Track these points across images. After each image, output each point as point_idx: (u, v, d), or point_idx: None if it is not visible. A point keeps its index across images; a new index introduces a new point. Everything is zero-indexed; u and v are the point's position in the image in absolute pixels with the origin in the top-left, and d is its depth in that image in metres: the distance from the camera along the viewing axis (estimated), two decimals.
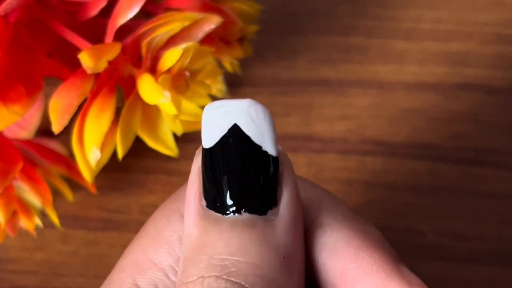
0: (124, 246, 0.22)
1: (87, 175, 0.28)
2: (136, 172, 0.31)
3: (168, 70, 0.27)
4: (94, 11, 0.28)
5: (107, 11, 0.28)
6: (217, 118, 0.19)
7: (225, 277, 0.18)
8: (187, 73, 0.27)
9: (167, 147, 0.30)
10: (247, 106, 0.19)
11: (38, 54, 0.28)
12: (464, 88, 0.35)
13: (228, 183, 0.19)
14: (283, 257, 0.19)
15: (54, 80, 0.29)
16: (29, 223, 0.30)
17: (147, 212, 0.32)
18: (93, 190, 0.32)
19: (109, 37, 0.27)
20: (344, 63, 0.36)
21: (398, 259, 0.20)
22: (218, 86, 0.34)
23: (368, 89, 0.35)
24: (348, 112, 0.35)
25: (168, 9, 0.30)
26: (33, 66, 0.28)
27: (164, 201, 0.22)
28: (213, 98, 0.30)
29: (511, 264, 0.31)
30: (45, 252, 0.32)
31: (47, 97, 0.28)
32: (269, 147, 0.19)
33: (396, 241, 0.31)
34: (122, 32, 0.28)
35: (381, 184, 0.33)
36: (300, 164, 0.33)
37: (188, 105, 0.29)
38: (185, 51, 0.26)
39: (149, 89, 0.27)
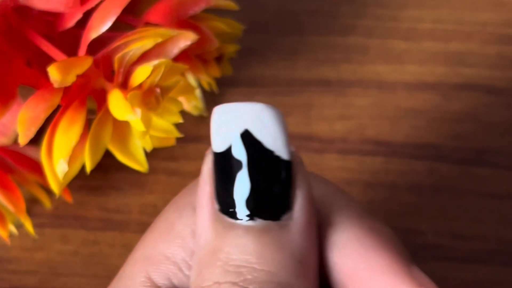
0: (124, 246, 0.22)
1: (55, 187, 0.28)
2: (136, 172, 0.31)
3: (139, 86, 0.26)
4: (71, 22, 0.28)
5: (85, 22, 0.28)
6: (227, 123, 0.19)
7: (242, 284, 0.18)
8: (158, 90, 0.27)
9: (138, 162, 0.30)
10: (259, 111, 0.18)
11: (15, 62, 0.28)
12: (464, 88, 0.35)
13: (240, 191, 0.18)
14: (299, 262, 0.18)
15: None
16: (2, 231, 0.30)
17: (147, 212, 0.32)
18: (68, 199, 0.32)
19: (82, 50, 0.27)
20: (344, 63, 0.36)
21: (409, 259, 0.20)
22: (194, 102, 0.34)
23: (368, 89, 0.35)
24: (348, 112, 0.35)
25: (148, 23, 0.30)
26: (8, 74, 0.27)
27: (165, 201, 0.22)
28: (186, 115, 0.30)
29: (511, 264, 0.31)
30: (45, 252, 0.32)
31: None
32: (282, 152, 0.19)
33: None
34: (101, 43, 0.27)
35: (381, 184, 0.33)
36: None
37: (159, 121, 0.29)
38: (155, 68, 0.26)
39: (118, 105, 0.26)
